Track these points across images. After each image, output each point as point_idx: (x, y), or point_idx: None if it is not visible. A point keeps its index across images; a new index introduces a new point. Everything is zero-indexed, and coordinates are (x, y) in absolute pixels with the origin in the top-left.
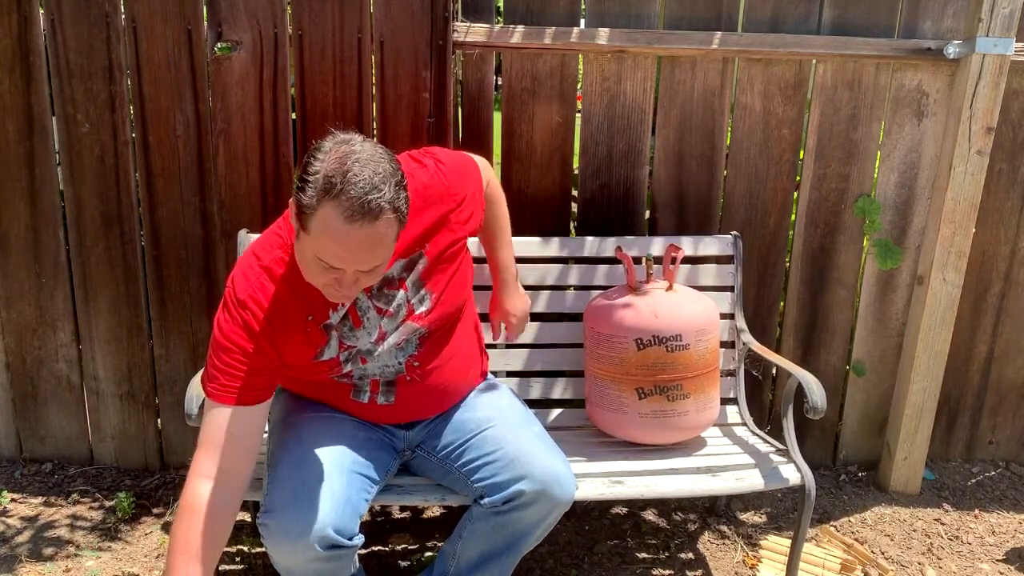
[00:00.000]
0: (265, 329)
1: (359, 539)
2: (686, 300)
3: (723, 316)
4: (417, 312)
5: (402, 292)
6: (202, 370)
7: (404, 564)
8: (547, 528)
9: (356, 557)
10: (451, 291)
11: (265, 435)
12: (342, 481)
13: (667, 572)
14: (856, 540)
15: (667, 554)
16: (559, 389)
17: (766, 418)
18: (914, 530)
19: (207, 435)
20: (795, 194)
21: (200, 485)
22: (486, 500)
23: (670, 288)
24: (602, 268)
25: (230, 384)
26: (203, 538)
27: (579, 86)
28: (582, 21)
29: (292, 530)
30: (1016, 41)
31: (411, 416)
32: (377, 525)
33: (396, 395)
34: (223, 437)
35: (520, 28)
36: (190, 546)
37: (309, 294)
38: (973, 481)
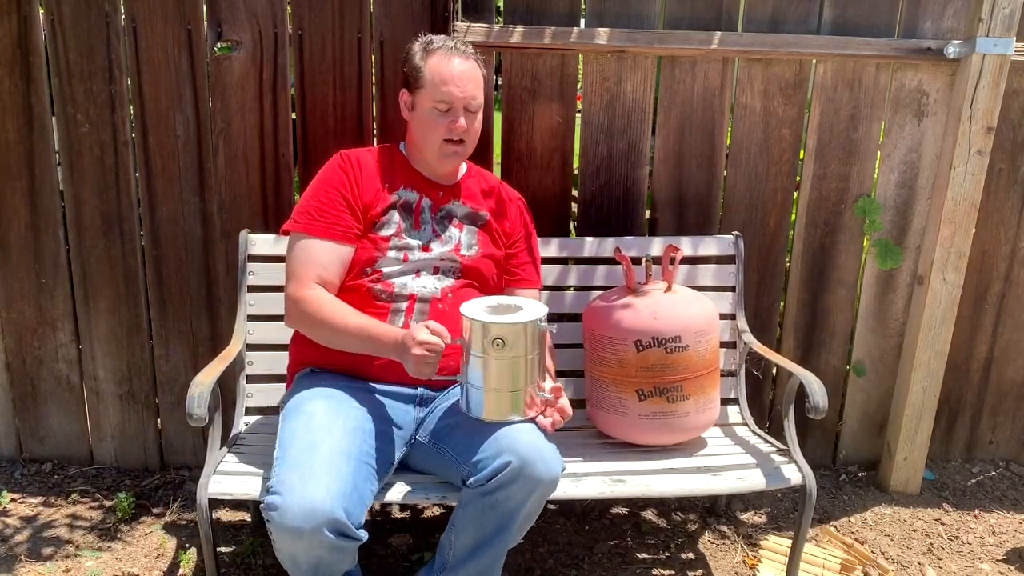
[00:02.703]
0: (355, 169)
1: (364, 534)
2: (685, 301)
3: (724, 316)
4: (462, 252)
5: (458, 230)
6: (288, 219)
7: (404, 564)
8: (533, 511)
9: (356, 553)
10: (490, 258)
11: (278, 418)
12: (350, 467)
13: (667, 572)
14: (856, 540)
15: (667, 554)
16: None
17: (766, 418)
18: (914, 530)
19: (299, 263)
20: (795, 194)
21: (313, 288)
22: (471, 479)
23: (669, 289)
24: (602, 268)
25: (321, 221)
26: (340, 304)
27: (579, 86)
28: (582, 21)
29: (300, 512)
30: (1016, 41)
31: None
32: (377, 525)
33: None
34: (315, 262)
35: (520, 28)
36: (340, 305)
37: (391, 168)
38: (973, 481)
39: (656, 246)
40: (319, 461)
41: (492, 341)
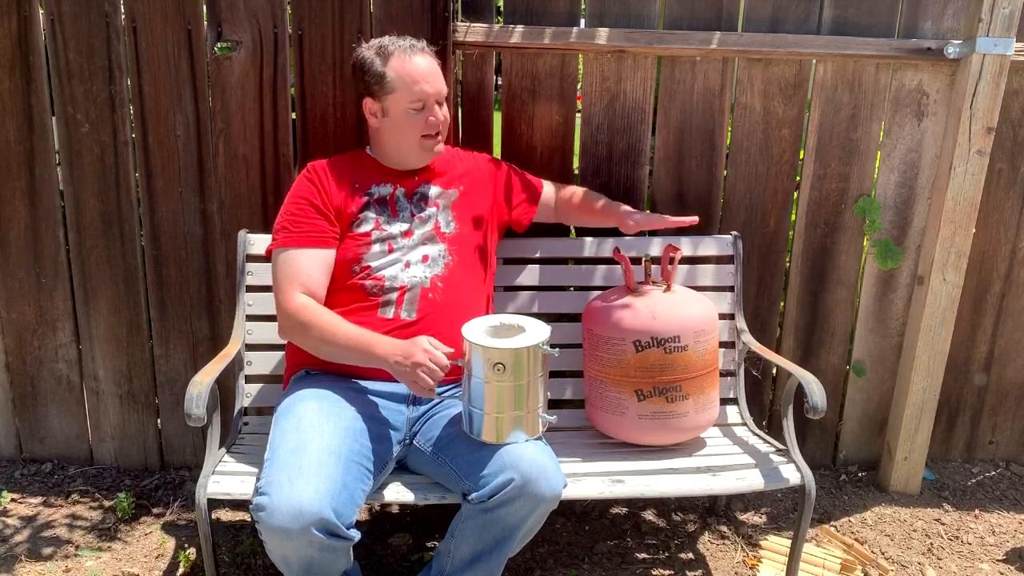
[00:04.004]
0: (322, 177)
1: (356, 534)
2: (684, 301)
3: (723, 316)
4: (442, 230)
5: (434, 209)
6: (271, 240)
7: (404, 564)
8: (535, 525)
9: (351, 553)
10: (469, 231)
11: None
12: (339, 468)
13: (667, 572)
14: (856, 540)
15: (667, 554)
16: (558, 390)
17: (766, 418)
18: (914, 530)
19: (283, 276)
20: (795, 194)
21: (301, 297)
22: (473, 495)
23: (668, 289)
24: (601, 268)
25: (296, 232)
26: (329, 313)
27: (579, 86)
28: (582, 21)
29: (288, 512)
30: (1016, 41)
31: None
32: (377, 525)
33: (418, 310)
34: (297, 271)
35: (520, 28)
36: (330, 315)
37: (359, 170)
38: (973, 481)
39: (655, 246)
40: (308, 461)
41: (493, 366)
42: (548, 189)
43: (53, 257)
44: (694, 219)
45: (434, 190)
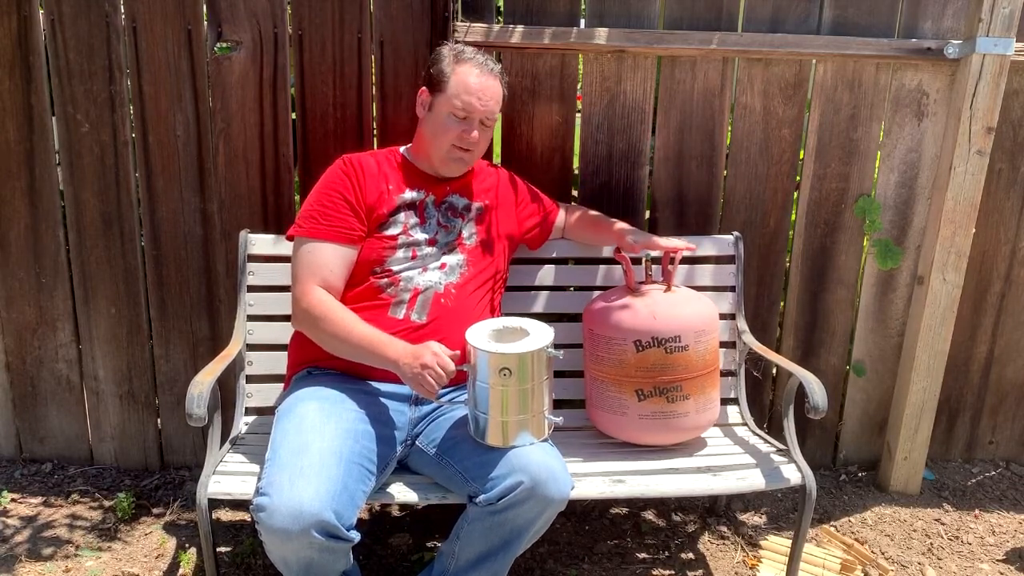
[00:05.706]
0: (358, 173)
1: (355, 535)
2: (685, 301)
3: (723, 316)
4: (465, 242)
5: (460, 220)
6: (292, 225)
7: (404, 564)
8: (542, 527)
9: (351, 554)
10: (488, 245)
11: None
12: (340, 469)
13: (667, 572)
14: (856, 540)
15: (667, 554)
16: (559, 390)
17: (766, 418)
18: (914, 530)
19: (304, 267)
20: (795, 194)
21: (319, 292)
22: (481, 498)
23: (668, 289)
24: (602, 268)
25: (325, 224)
26: (344, 310)
27: (579, 86)
28: (582, 21)
29: (288, 513)
30: (1016, 41)
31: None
32: (377, 525)
33: (429, 314)
34: (319, 265)
35: (520, 28)
36: (345, 312)
37: (393, 171)
38: (973, 481)
39: None
40: (309, 462)
41: (499, 371)
42: (560, 216)
43: (53, 257)
44: (691, 247)
45: (462, 201)
